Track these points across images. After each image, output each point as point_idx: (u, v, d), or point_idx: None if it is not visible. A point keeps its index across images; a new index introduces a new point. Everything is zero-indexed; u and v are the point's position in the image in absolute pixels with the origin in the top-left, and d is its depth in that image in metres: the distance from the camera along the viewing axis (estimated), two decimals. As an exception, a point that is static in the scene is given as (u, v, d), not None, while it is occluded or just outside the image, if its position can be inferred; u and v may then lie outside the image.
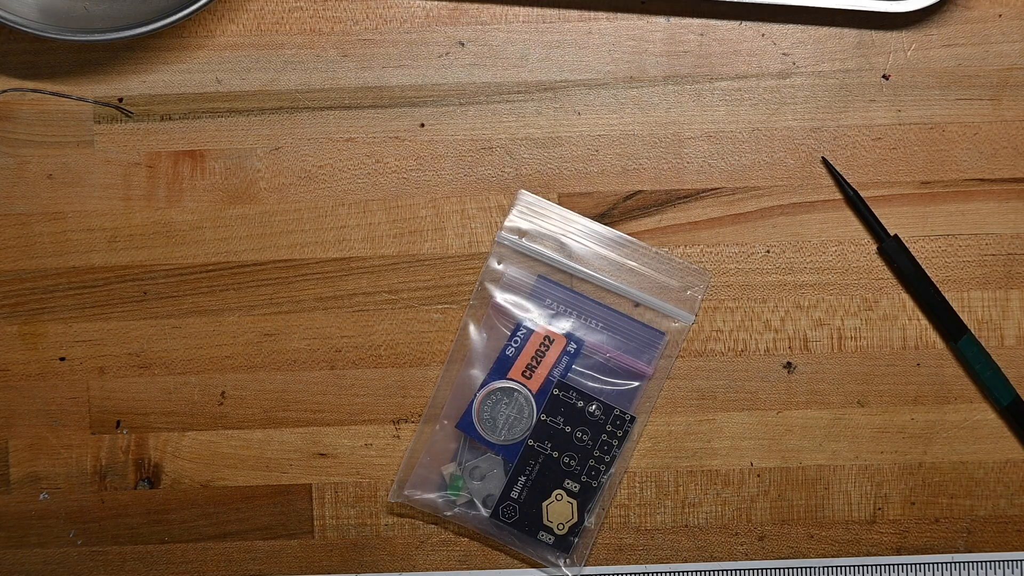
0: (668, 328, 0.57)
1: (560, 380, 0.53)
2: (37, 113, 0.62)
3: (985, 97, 0.61)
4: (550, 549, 0.58)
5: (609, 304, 0.56)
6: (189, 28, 0.61)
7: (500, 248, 0.52)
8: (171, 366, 0.62)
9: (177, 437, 0.62)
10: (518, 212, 0.52)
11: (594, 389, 0.55)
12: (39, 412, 0.62)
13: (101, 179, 0.62)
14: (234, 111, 0.62)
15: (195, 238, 0.62)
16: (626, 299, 0.55)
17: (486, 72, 0.62)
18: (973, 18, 0.61)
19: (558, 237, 0.53)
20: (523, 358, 0.53)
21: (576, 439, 0.55)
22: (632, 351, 0.54)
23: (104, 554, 0.63)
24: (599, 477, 0.57)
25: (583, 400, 0.54)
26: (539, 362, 0.53)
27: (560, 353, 0.53)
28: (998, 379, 0.61)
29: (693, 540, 0.62)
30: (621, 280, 0.54)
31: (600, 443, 0.56)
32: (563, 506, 0.57)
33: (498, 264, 0.52)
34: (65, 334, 0.62)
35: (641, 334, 0.55)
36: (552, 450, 0.58)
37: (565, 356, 0.53)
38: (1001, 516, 0.62)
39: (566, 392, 0.54)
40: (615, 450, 0.56)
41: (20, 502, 0.63)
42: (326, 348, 0.62)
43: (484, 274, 0.52)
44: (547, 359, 0.53)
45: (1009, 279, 0.62)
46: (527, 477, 0.58)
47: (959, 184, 0.61)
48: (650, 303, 0.55)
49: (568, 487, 0.58)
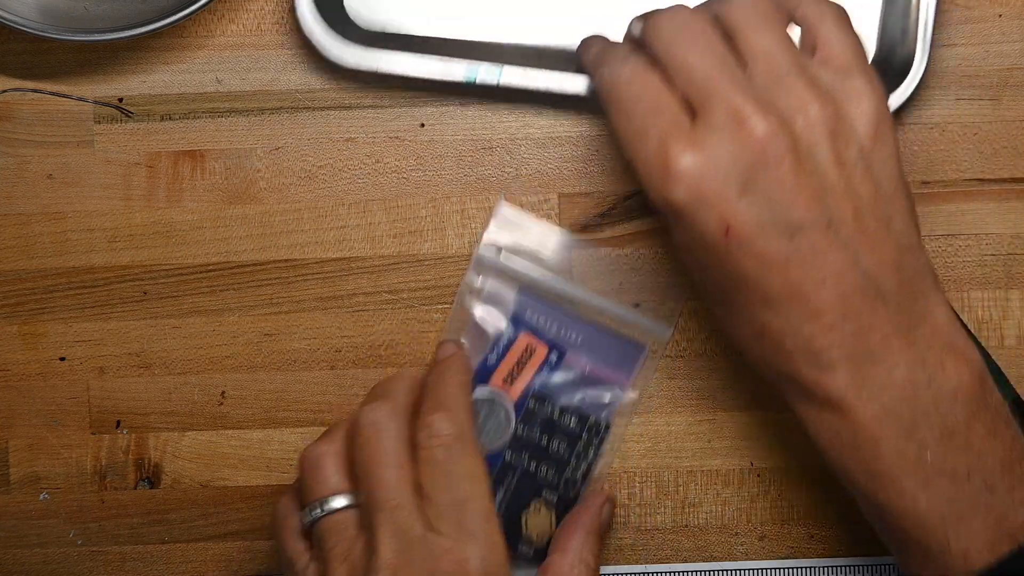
0: (648, 340, 0.57)
1: (537, 391, 0.53)
2: (37, 113, 0.62)
3: (985, 97, 0.61)
4: (529, 563, 0.58)
5: (590, 318, 0.55)
6: (189, 28, 0.61)
7: (479, 264, 0.51)
8: (171, 366, 0.62)
9: (177, 437, 0.62)
10: (496, 225, 0.52)
11: (572, 399, 0.55)
12: (39, 412, 0.62)
13: (101, 179, 0.62)
14: (234, 111, 0.62)
15: (195, 238, 0.62)
16: (610, 310, 0.55)
17: (486, 72, 0.62)
18: (973, 18, 0.61)
19: (537, 251, 0.52)
20: (504, 366, 0.53)
21: (552, 449, 0.55)
22: (612, 363, 0.54)
23: (104, 554, 0.63)
24: (577, 487, 0.57)
25: (559, 411, 0.54)
26: (520, 371, 0.53)
27: (541, 363, 0.53)
28: (999, 379, 0.61)
29: (693, 540, 0.62)
30: (600, 294, 0.54)
31: (576, 452, 0.55)
32: (542, 518, 0.57)
33: (477, 278, 0.52)
34: (65, 334, 0.62)
35: (621, 347, 0.55)
36: (529, 461, 0.57)
37: (546, 367, 0.53)
38: (1001, 516, 0.62)
39: (542, 403, 0.54)
40: (591, 459, 0.56)
41: (20, 502, 0.63)
42: (326, 348, 0.62)
43: (464, 288, 0.52)
44: (528, 368, 0.53)
45: (1009, 279, 0.62)
46: (505, 490, 0.57)
47: (959, 184, 0.61)
48: (627, 318, 0.55)
49: (547, 497, 0.58)
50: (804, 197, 0.46)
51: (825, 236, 0.47)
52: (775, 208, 0.46)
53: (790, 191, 0.46)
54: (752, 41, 0.49)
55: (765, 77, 0.48)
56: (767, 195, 0.46)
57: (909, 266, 0.49)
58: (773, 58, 0.48)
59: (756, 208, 0.46)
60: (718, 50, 0.48)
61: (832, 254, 0.47)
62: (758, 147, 0.46)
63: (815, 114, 0.47)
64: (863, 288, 0.47)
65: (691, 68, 0.48)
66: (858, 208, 0.48)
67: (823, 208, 0.47)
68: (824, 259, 0.47)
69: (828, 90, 0.48)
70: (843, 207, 0.47)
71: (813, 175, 0.47)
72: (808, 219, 0.46)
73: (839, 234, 0.47)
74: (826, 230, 0.47)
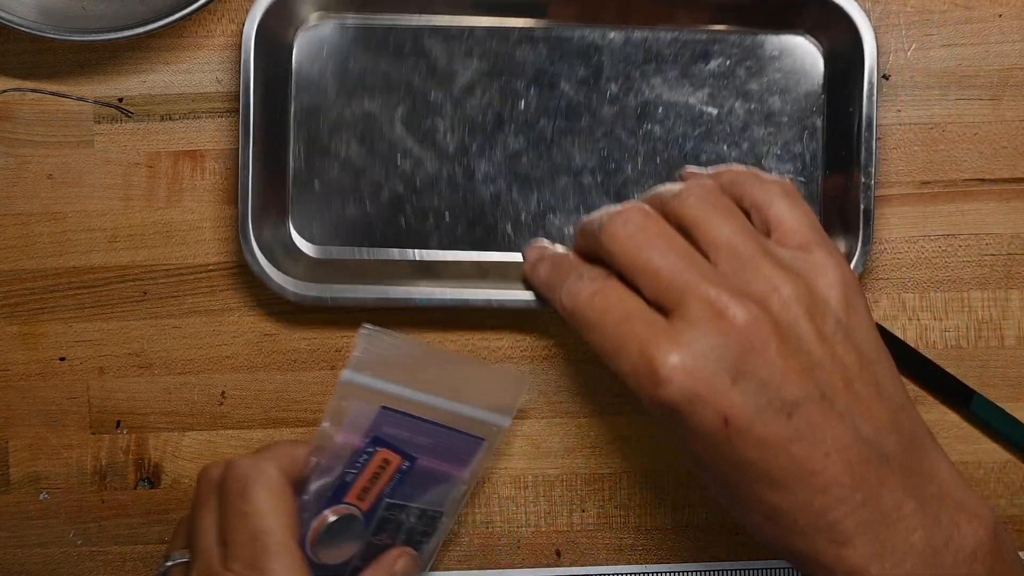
0: (487, 432, 0.57)
1: (387, 501, 0.55)
2: (37, 113, 0.62)
3: (985, 97, 0.61)
4: None
5: (437, 418, 0.56)
6: (189, 28, 0.61)
7: (346, 385, 0.53)
8: (171, 366, 0.62)
9: (177, 437, 0.62)
10: (361, 346, 0.53)
11: (418, 498, 0.56)
12: (39, 412, 0.62)
13: (101, 179, 0.62)
14: (234, 111, 0.62)
15: (195, 238, 0.62)
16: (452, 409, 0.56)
17: (486, 72, 0.62)
18: (973, 18, 0.61)
19: (398, 365, 0.54)
20: (360, 482, 0.54)
21: (396, 542, 0.57)
22: (452, 458, 0.56)
23: (104, 554, 0.63)
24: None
25: (404, 513, 0.56)
26: (374, 483, 0.54)
27: (393, 473, 0.54)
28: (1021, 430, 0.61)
29: (693, 540, 0.62)
30: (444, 395, 0.55)
31: (415, 542, 0.57)
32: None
33: (341, 401, 0.53)
34: (65, 334, 0.62)
35: (462, 442, 0.56)
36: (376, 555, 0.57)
37: (397, 474, 0.54)
38: (1001, 516, 0.62)
39: (392, 510, 0.55)
40: (425, 545, 0.57)
41: (20, 502, 0.63)
42: (326, 348, 0.62)
43: (330, 409, 0.53)
44: (381, 480, 0.54)
45: (1009, 279, 0.62)
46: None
47: (959, 184, 0.61)
48: (471, 414, 0.56)
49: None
50: (794, 375, 0.46)
51: (821, 409, 0.47)
52: (769, 390, 0.46)
53: (780, 372, 0.46)
54: (712, 233, 0.49)
55: (731, 265, 0.48)
56: (758, 379, 0.46)
57: (906, 425, 0.49)
58: (735, 246, 0.49)
59: (750, 394, 0.46)
60: (681, 247, 0.49)
61: (831, 426, 0.47)
62: (742, 334, 0.46)
63: (788, 293, 0.47)
64: (867, 455, 0.47)
65: (657, 270, 0.48)
66: (847, 377, 0.48)
67: (814, 383, 0.47)
68: (824, 432, 0.47)
69: (793, 268, 0.49)
70: (833, 379, 0.47)
71: (799, 353, 0.47)
72: (802, 395, 0.46)
73: (834, 405, 0.47)
74: (820, 402, 0.47)
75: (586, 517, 0.62)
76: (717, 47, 0.60)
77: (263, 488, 0.52)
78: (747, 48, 0.60)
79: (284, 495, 0.53)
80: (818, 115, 0.60)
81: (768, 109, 0.60)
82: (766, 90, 0.60)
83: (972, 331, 0.61)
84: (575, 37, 0.60)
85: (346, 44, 0.60)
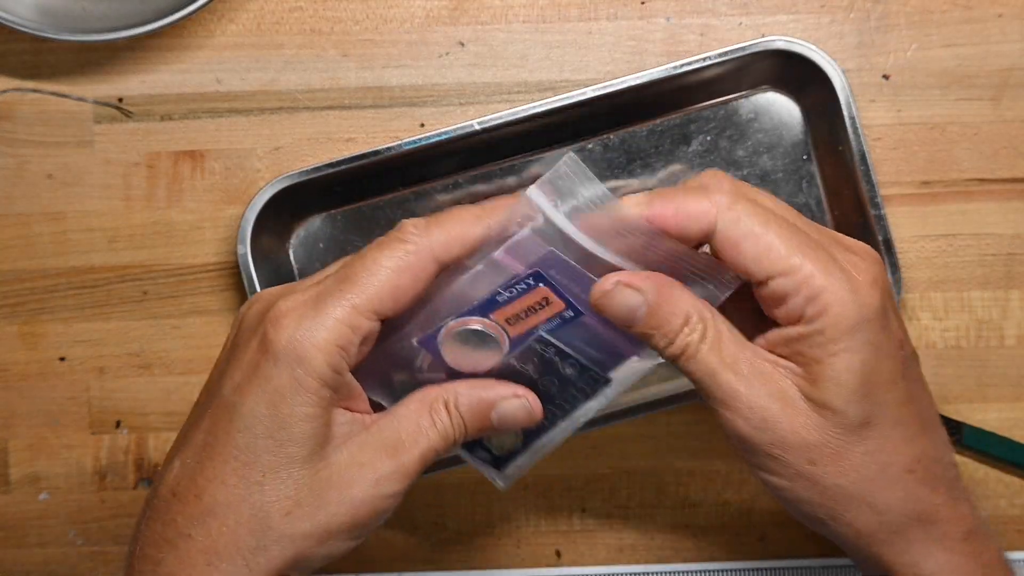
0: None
1: (541, 336, 0.51)
2: (37, 113, 0.62)
3: (985, 97, 0.61)
4: (484, 465, 0.55)
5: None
6: (189, 28, 0.61)
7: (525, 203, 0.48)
8: (171, 366, 0.62)
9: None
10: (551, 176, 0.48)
11: (577, 350, 0.52)
12: (39, 412, 0.62)
13: (101, 179, 0.62)
14: (234, 111, 0.62)
15: (195, 238, 0.62)
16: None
17: (486, 72, 0.62)
18: (973, 18, 0.61)
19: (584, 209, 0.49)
20: (513, 307, 0.50)
21: (542, 385, 0.53)
22: (623, 336, 0.52)
23: (104, 554, 0.63)
24: (554, 420, 0.54)
25: (560, 356, 0.52)
26: (528, 316, 0.51)
27: (553, 315, 0.50)
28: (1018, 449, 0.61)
29: (693, 540, 0.62)
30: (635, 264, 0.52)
31: (569, 395, 0.53)
32: (509, 436, 0.55)
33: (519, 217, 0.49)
34: (65, 334, 0.62)
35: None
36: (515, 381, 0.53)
37: (558, 319, 0.50)
38: (1001, 516, 0.62)
39: (544, 345, 0.51)
40: (580, 404, 0.53)
41: (20, 502, 0.63)
42: (326, 348, 0.62)
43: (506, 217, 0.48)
44: (538, 315, 0.50)
45: (1009, 279, 0.62)
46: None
47: (959, 184, 0.61)
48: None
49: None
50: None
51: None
52: (905, 345, 0.48)
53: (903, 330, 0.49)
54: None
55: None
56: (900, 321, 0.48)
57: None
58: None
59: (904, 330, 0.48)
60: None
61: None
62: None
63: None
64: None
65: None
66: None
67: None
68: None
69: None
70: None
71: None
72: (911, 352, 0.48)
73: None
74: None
75: (586, 517, 0.62)
76: (694, 126, 0.61)
77: (302, 400, 0.45)
78: (723, 118, 0.61)
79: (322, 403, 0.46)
80: (810, 162, 0.61)
81: (761, 170, 0.61)
82: (753, 153, 0.61)
83: (972, 331, 0.61)
84: (557, 158, 0.59)
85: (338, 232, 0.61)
